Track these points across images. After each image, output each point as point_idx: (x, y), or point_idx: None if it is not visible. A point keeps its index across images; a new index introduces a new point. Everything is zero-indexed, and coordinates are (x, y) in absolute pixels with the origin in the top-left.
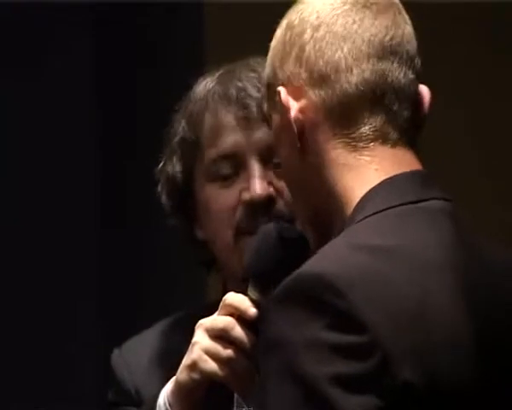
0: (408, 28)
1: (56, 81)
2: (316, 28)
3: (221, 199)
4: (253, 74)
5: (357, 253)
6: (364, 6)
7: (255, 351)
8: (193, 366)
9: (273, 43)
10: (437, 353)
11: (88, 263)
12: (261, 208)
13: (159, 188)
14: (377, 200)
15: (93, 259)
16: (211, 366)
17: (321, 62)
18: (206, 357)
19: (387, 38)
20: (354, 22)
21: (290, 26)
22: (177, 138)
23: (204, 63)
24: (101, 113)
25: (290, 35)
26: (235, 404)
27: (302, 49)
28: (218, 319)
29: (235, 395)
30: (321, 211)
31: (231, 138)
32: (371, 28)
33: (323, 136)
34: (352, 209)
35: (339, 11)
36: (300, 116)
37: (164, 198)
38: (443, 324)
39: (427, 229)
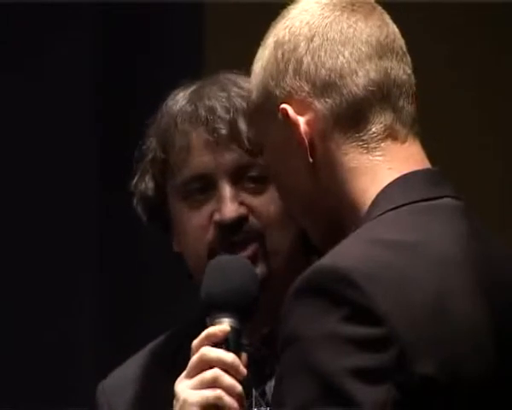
0: (395, 27)
1: (55, 82)
2: (310, 39)
3: (193, 219)
4: (222, 94)
5: (374, 247)
6: (353, 10)
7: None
8: None
9: (260, 65)
10: (455, 346)
11: (88, 263)
12: (233, 229)
13: (134, 201)
14: (392, 197)
15: (93, 258)
16: None
17: (323, 71)
18: None
19: (382, 36)
20: (349, 26)
21: (280, 43)
22: (149, 157)
23: (204, 63)
24: (102, 114)
25: (282, 52)
26: (253, 403)
27: (300, 62)
28: (205, 374)
29: (254, 393)
30: (334, 219)
31: (201, 160)
32: (366, 29)
33: (334, 143)
34: (366, 210)
35: (330, 18)
36: (308, 129)
37: (140, 212)
38: (460, 317)
39: (443, 225)
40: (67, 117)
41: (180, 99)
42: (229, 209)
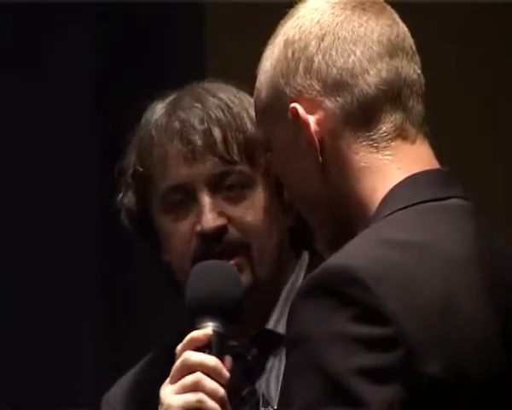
0: (404, 26)
1: (55, 82)
2: (321, 38)
3: (177, 232)
4: (197, 104)
5: (382, 247)
6: (363, 9)
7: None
8: None
9: (270, 63)
10: (461, 345)
11: (88, 263)
12: (214, 239)
13: (121, 217)
14: (400, 197)
15: (93, 258)
16: None
17: (334, 70)
18: None
19: (393, 35)
20: (360, 25)
21: (290, 42)
22: (130, 171)
23: (204, 63)
24: (102, 114)
25: (292, 50)
26: (260, 403)
27: (310, 60)
28: (187, 379)
29: (261, 392)
30: (342, 219)
31: (178, 171)
32: (377, 28)
33: (344, 142)
34: (375, 209)
35: (341, 17)
36: (318, 129)
37: (127, 226)
38: (466, 317)
39: (450, 226)
40: (67, 117)
41: (157, 111)
42: (208, 219)
